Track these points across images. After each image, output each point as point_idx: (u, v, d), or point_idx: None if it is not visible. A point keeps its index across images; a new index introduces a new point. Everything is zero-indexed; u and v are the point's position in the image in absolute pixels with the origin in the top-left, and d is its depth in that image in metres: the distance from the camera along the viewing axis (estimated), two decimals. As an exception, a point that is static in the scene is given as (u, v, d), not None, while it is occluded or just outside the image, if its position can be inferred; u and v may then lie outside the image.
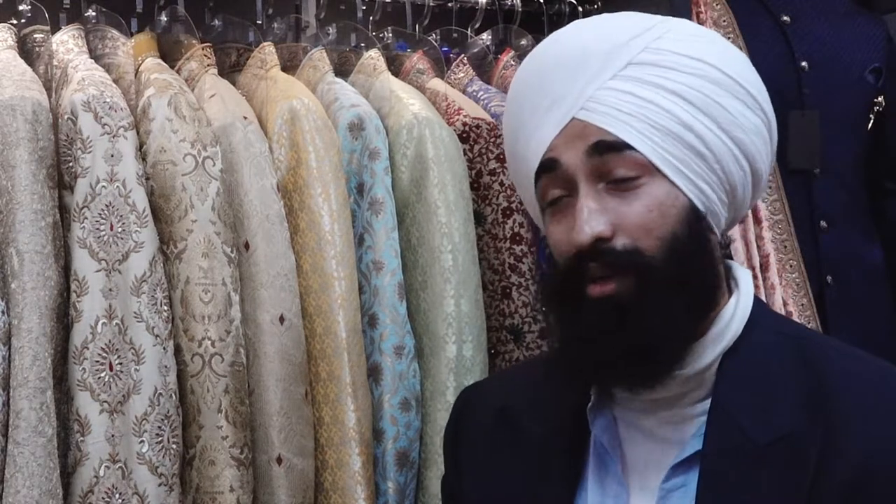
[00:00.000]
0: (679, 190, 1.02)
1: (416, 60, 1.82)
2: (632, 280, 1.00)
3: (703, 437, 1.03)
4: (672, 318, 1.01)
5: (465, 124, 1.66)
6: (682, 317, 1.01)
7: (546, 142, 1.05)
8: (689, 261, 1.02)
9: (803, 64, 1.99)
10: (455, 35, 1.95)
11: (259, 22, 1.80)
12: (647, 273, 1.00)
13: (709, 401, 1.05)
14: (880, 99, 2.03)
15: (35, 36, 1.57)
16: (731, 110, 1.04)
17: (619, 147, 1.01)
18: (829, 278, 1.98)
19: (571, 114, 1.03)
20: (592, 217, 1.01)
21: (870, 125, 2.03)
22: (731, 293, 1.09)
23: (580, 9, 2.01)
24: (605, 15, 1.10)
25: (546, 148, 1.05)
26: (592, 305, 1.02)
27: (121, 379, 1.35)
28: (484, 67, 1.92)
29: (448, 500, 1.26)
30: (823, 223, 1.99)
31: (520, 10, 1.98)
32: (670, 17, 1.09)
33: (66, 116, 1.41)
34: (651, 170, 1.02)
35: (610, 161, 1.02)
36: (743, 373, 1.04)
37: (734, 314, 1.06)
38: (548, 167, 1.05)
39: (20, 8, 1.61)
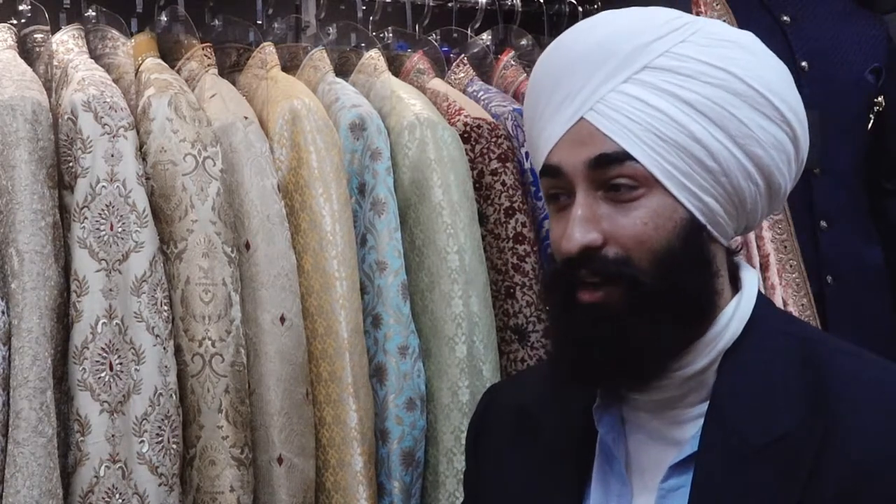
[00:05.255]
0: (679, 203, 1.01)
1: (417, 60, 1.82)
2: (620, 290, 1.00)
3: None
4: (658, 331, 1.00)
5: (466, 124, 1.66)
6: (669, 330, 1.01)
7: (554, 139, 1.04)
8: (682, 274, 1.01)
9: (803, 64, 1.99)
10: (455, 35, 1.95)
11: (259, 22, 1.81)
12: (636, 285, 1.00)
13: (708, 402, 1.05)
14: (880, 99, 2.03)
15: (35, 36, 1.57)
16: (749, 123, 1.02)
17: (621, 158, 1.01)
18: (829, 278, 1.98)
19: (581, 113, 1.02)
20: (584, 226, 1.01)
21: (870, 125, 2.03)
22: (737, 293, 1.08)
23: (580, 9, 2.01)
24: (634, 9, 1.07)
25: (553, 146, 1.04)
26: (582, 311, 1.02)
27: (121, 379, 1.35)
28: (484, 67, 1.92)
29: (469, 495, 1.27)
30: (823, 223, 1.99)
31: (520, 10, 1.98)
32: (701, 18, 1.06)
33: (66, 116, 1.41)
34: (652, 181, 1.01)
35: (610, 171, 1.01)
36: (741, 373, 1.04)
37: (734, 315, 1.06)
38: (551, 172, 1.05)
39: (20, 8, 1.61)
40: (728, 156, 1.02)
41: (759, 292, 1.09)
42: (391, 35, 1.90)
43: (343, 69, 1.78)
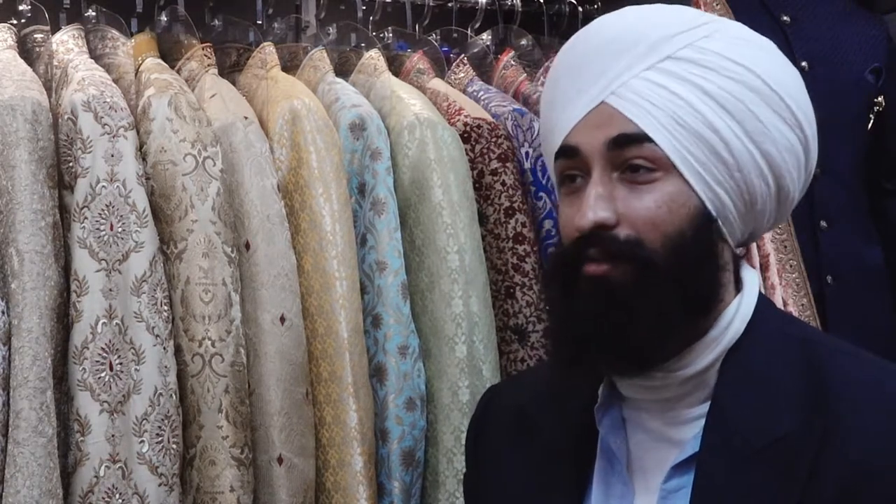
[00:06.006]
0: (693, 191, 1.02)
1: (417, 60, 1.82)
2: (629, 269, 1.01)
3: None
4: (662, 314, 1.01)
5: (466, 124, 1.66)
6: (673, 314, 1.01)
7: (572, 121, 1.05)
8: (691, 261, 1.02)
9: (803, 64, 1.98)
10: (455, 35, 1.95)
11: (259, 22, 1.81)
12: (645, 266, 1.01)
13: (710, 402, 1.05)
14: (880, 99, 2.03)
15: (35, 36, 1.57)
16: (765, 121, 1.03)
17: (640, 139, 1.02)
18: (829, 278, 1.98)
19: (601, 97, 1.03)
20: (599, 203, 1.02)
21: (870, 125, 2.03)
22: (738, 293, 1.08)
23: (580, 9, 2.02)
24: (659, 5, 1.10)
25: (570, 128, 1.05)
26: (586, 283, 1.03)
27: (121, 379, 1.35)
28: (484, 67, 1.92)
29: (469, 496, 1.27)
30: (823, 223, 1.99)
31: (520, 10, 1.98)
32: (725, 19, 1.09)
33: (66, 116, 1.41)
34: (668, 166, 1.02)
35: (629, 151, 1.02)
36: (743, 374, 1.04)
37: (735, 315, 1.06)
38: (567, 153, 1.06)
39: (20, 8, 1.62)
40: (744, 151, 1.03)
41: (760, 293, 1.10)
42: (391, 35, 1.90)
43: (343, 69, 1.79)
